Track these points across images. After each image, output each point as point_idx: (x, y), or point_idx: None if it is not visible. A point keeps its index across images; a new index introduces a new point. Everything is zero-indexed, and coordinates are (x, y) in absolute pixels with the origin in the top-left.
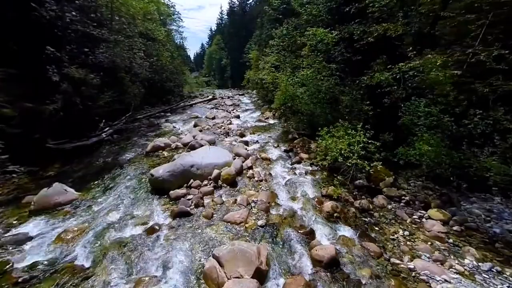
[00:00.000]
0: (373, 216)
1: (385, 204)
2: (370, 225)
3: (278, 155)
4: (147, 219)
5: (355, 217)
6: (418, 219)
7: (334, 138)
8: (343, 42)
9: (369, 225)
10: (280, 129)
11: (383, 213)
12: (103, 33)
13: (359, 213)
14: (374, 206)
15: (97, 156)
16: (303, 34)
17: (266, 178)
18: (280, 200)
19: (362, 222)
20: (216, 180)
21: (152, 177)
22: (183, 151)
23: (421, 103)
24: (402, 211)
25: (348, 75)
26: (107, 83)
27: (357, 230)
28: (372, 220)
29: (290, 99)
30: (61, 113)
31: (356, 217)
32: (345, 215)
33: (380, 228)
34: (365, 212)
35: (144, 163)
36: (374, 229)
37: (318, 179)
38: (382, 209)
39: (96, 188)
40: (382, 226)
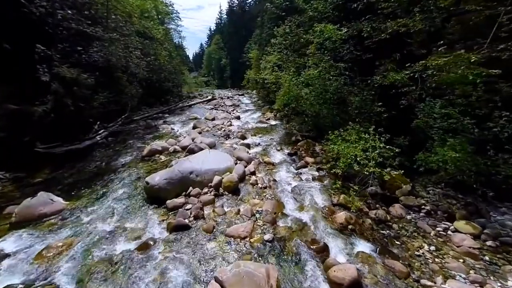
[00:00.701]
0: (391, 228)
1: (403, 214)
2: (389, 239)
3: (281, 159)
4: (141, 233)
5: (372, 230)
6: (443, 231)
7: (348, 143)
8: (352, 40)
9: (388, 238)
10: (282, 131)
11: (402, 224)
12: (97, 31)
13: (375, 225)
14: (392, 216)
15: (90, 161)
16: (307, 32)
17: (270, 184)
18: (287, 209)
19: (381, 235)
20: (217, 188)
21: (148, 185)
22: (181, 155)
23: (437, 104)
24: (423, 222)
25: (357, 74)
26: (103, 83)
27: (376, 244)
28: (392, 233)
29: (294, 99)
30: (52, 115)
31: (373, 230)
32: (360, 227)
33: (402, 242)
34: (382, 224)
35: (140, 168)
36: (395, 244)
37: (327, 185)
38: (400, 220)
39: (87, 196)
40: (404, 240)
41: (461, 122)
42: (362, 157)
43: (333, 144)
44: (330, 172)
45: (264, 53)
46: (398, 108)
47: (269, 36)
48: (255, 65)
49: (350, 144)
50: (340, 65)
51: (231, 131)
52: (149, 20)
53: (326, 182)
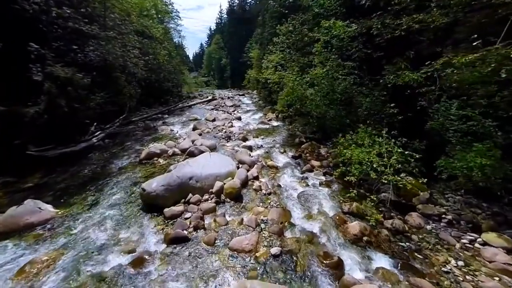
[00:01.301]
0: (411, 240)
1: (422, 223)
2: (410, 252)
3: (285, 162)
4: (135, 245)
5: (389, 241)
6: (470, 244)
7: (361, 147)
8: (362, 37)
9: (409, 251)
10: (285, 132)
11: (422, 235)
12: (93, 29)
13: (392, 236)
14: (409, 226)
15: (85, 164)
16: (312, 30)
17: (274, 190)
18: (294, 218)
19: (400, 247)
20: (219, 195)
21: (144, 192)
22: (180, 158)
23: (453, 105)
24: (446, 233)
25: (366, 73)
26: (100, 83)
27: (396, 259)
28: (412, 245)
29: (298, 100)
30: (45, 116)
31: (390, 241)
32: (376, 238)
33: (424, 256)
34: (400, 234)
35: (137, 172)
36: (417, 258)
37: (335, 191)
38: (419, 231)
39: (79, 203)
40: (426, 254)
41: (482, 125)
42: (379, 163)
43: (343, 148)
44: (339, 178)
45: (265, 52)
46: (411, 110)
47: (270, 35)
48: (256, 64)
49: (364, 148)
50: (348, 63)
51: (232, 132)
52: (148, 19)
53: (335, 187)
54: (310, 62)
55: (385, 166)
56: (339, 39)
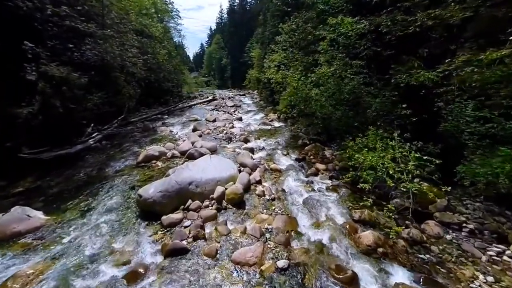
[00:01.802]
0: (430, 251)
1: (441, 233)
2: (432, 265)
3: (289, 165)
4: (130, 256)
5: (407, 253)
6: (497, 256)
7: (374, 151)
8: (371, 35)
9: (430, 265)
10: (287, 133)
11: (442, 246)
12: (90, 27)
13: (409, 247)
14: (427, 236)
15: (80, 167)
16: (316, 28)
17: (279, 195)
18: (301, 227)
19: (419, 260)
20: (220, 201)
21: (140, 198)
22: (180, 161)
23: (469, 106)
24: (469, 244)
25: (375, 73)
26: (98, 83)
27: (416, 273)
28: (433, 258)
29: (302, 100)
30: (39, 117)
31: (408, 253)
32: (392, 249)
33: (448, 269)
34: (418, 245)
35: (134, 176)
36: (440, 272)
37: (344, 197)
38: (439, 241)
39: (72, 209)
40: (450, 267)
41: (503, 127)
42: (395, 170)
43: (353, 151)
44: (348, 183)
45: (267, 52)
46: (425, 111)
47: (272, 34)
48: (257, 64)
49: (377, 153)
50: (356, 62)
51: (233, 133)
52: (147, 18)
53: (343, 193)
54: (315, 61)
55: (401, 172)
56: (346, 37)
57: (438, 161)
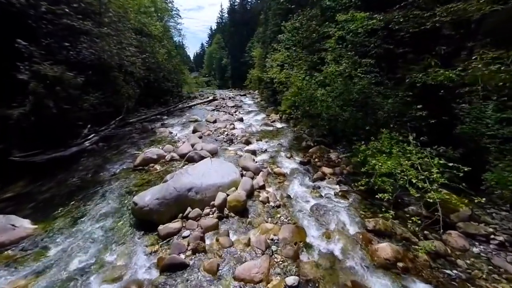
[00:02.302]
0: (457, 266)
1: (467, 245)
2: (461, 283)
3: (293, 168)
4: (122, 271)
5: (430, 268)
6: None
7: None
8: (382, 32)
9: (459, 282)
10: (290, 135)
11: (470, 260)
12: (86, 25)
13: (432, 261)
14: (451, 248)
15: (74, 171)
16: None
17: (284, 202)
18: (310, 237)
19: (446, 276)
20: (221, 208)
21: (136, 206)
22: (179, 164)
23: (488, 107)
24: (501, 259)
25: (386, 72)
26: (95, 82)
27: None
28: (461, 274)
29: (307, 100)
30: (32, 119)
31: (432, 268)
32: (413, 264)
33: (479, 287)
34: (442, 259)
35: (130, 180)
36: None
37: (354, 204)
38: (465, 254)
39: (63, 217)
40: (482, 285)
41: None
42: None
43: (366, 156)
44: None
45: (268, 51)
46: (441, 112)
47: (274, 33)
48: (258, 64)
49: (394, 158)
50: (367, 61)
51: (235, 135)
52: (147, 16)
53: (353, 199)
54: (320, 60)
55: (423, 180)
56: (354, 34)
57: (466, 168)
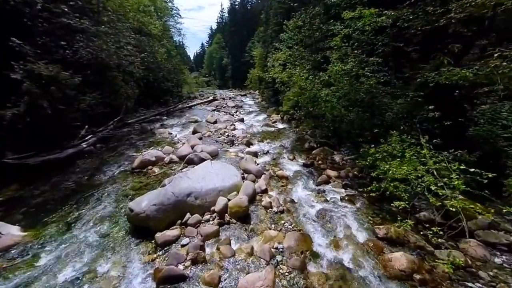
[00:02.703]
0: (478, 278)
1: (487, 255)
2: None
3: (296, 171)
4: (116, 283)
5: (450, 280)
6: None
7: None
8: (391, 29)
9: None
10: (292, 136)
11: (492, 271)
12: (83, 23)
13: (451, 272)
14: (470, 258)
15: (70, 173)
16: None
17: (287, 207)
18: (316, 246)
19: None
20: (222, 214)
21: (131, 212)
22: (178, 166)
23: (504, 107)
24: None
25: (394, 71)
26: (93, 82)
27: None
28: (484, 286)
29: (310, 101)
30: (26, 119)
31: (452, 280)
32: (431, 276)
33: None
34: (462, 270)
35: (128, 184)
36: None
37: (362, 209)
38: (486, 265)
39: (56, 223)
40: None
41: None
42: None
43: (375, 159)
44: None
45: (269, 50)
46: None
47: (275, 33)
48: (259, 64)
49: (408, 162)
50: (374, 59)
51: (235, 136)
52: (146, 15)
53: (360, 204)
54: (324, 59)
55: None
56: (361, 32)
57: (491, 174)
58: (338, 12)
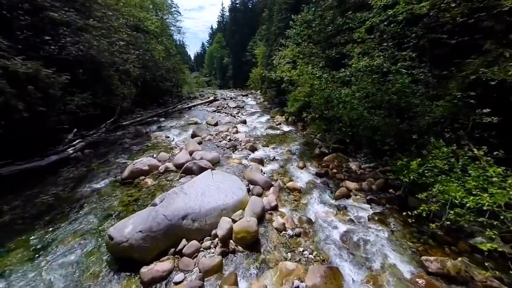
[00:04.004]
0: None
1: None
2: None
3: (308, 181)
4: None
5: None
6: None
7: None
8: (430, 18)
9: None
10: (299, 139)
11: None
12: (69, 16)
13: None
14: None
15: (50, 185)
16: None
17: (304, 228)
18: (349, 283)
19: None
20: (226, 241)
21: (112, 240)
22: (174, 176)
23: None
24: None
25: (430, 67)
26: (84, 81)
27: None
28: None
29: (324, 101)
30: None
31: None
32: None
33: None
34: None
35: (115, 198)
36: None
37: (397, 232)
38: None
39: (21, 248)
40: None
41: None
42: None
43: (420, 174)
44: (411, 216)
45: (273, 48)
46: None
47: (279, 29)
48: (261, 62)
49: (477, 184)
50: (408, 54)
51: (238, 140)
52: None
53: (394, 225)
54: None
55: None
56: (391, 23)
57: None
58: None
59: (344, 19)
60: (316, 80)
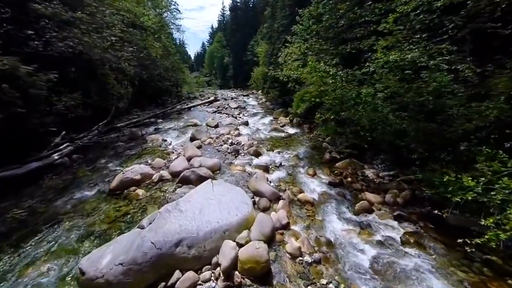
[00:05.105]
0: None
1: None
2: None
3: (322, 192)
4: None
5: None
6: None
7: None
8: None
9: None
10: (306, 143)
11: None
12: (54, 7)
13: None
14: None
15: (26, 196)
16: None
17: (324, 253)
18: None
19: None
20: (229, 272)
21: (83, 276)
22: (170, 186)
23: None
24: None
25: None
26: (75, 80)
27: None
28: None
29: (339, 102)
30: None
31: None
32: None
33: None
34: None
35: (100, 213)
36: None
37: (440, 257)
38: None
39: None
40: None
41: None
42: None
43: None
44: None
45: (276, 46)
46: None
47: (282, 27)
48: (263, 61)
49: None
50: (447, 47)
51: (240, 143)
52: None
53: (433, 248)
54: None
55: None
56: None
57: None
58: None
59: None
60: (330, 78)
